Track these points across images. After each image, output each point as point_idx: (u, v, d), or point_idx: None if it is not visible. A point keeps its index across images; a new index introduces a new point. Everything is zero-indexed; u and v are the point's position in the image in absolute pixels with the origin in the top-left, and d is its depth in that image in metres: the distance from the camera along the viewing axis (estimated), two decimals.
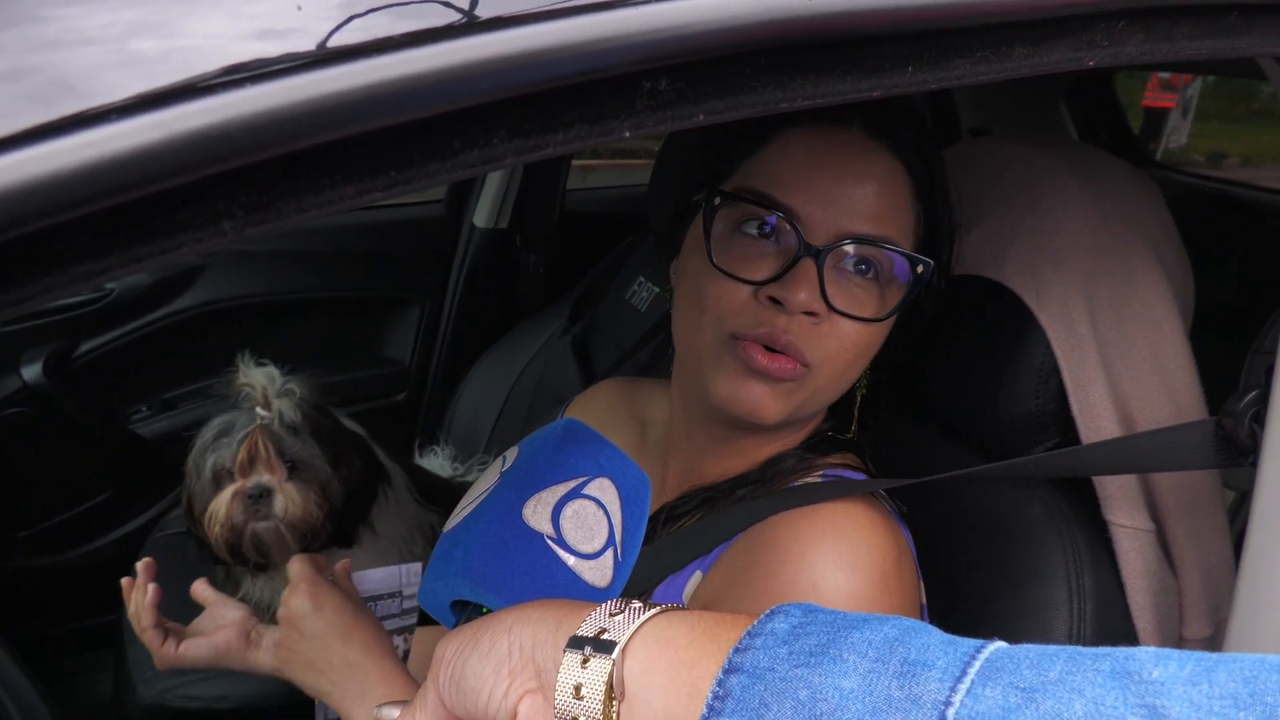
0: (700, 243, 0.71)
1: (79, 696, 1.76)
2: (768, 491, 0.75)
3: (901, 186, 0.71)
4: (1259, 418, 0.63)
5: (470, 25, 0.27)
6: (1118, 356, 0.81)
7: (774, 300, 0.68)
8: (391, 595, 1.06)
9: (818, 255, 0.67)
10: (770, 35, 0.30)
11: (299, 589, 0.82)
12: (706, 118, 0.31)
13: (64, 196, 0.23)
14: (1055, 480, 0.85)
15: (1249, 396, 0.63)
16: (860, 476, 0.76)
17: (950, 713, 0.29)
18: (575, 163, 2.24)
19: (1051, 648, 0.31)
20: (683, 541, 0.74)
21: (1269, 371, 0.64)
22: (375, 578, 1.05)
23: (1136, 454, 0.74)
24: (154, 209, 0.25)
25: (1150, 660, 0.28)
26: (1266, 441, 0.63)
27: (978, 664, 0.30)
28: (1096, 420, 0.80)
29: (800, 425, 0.79)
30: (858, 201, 0.68)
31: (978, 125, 2.38)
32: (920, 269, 0.70)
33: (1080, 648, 0.30)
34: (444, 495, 1.55)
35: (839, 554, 0.66)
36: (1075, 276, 0.81)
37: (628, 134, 0.30)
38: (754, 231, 0.70)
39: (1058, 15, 0.36)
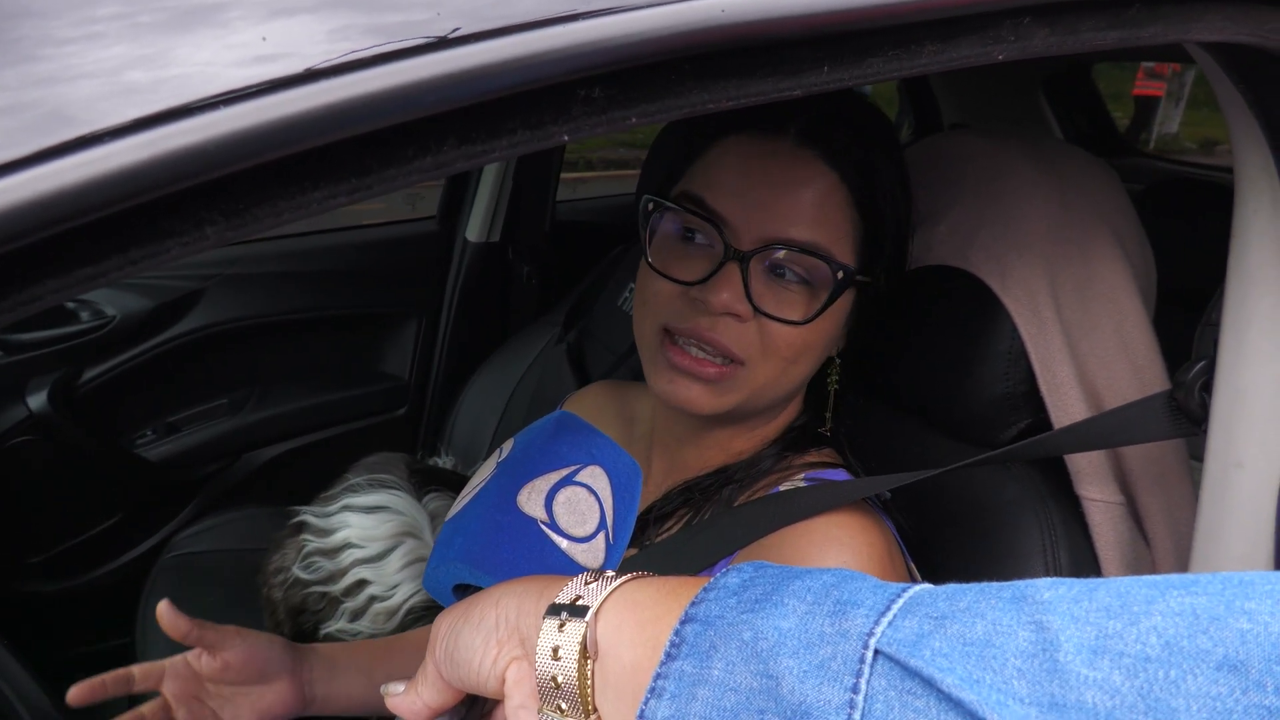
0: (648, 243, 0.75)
1: (94, 718, 1.78)
2: (751, 492, 0.78)
3: (833, 192, 0.72)
4: (1207, 387, 0.66)
5: (419, 47, 0.31)
6: (1082, 337, 0.83)
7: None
8: None
9: (742, 259, 0.70)
10: (689, 44, 0.33)
11: None
12: (638, 120, 0.34)
13: (66, 210, 0.26)
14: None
15: (1197, 367, 0.66)
16: (841, 473, 0.78)
17: (872, 641, 0.32)
18: (565, 175, 2.27)
19: (967, 585, 0.34)
20: (672, 553, 0.75)
21: (1216, 342, 0.67)
22: None
23: (1102, 431, 0.77)
24: (144, 218, 0.29)
25: (1045, 586, 0.32)
26: (1214, 409, 0.66)
27: (900, 601, 0.34)
28: (1064, 399, 0.83)
29: (770, 415, 0.81)
30: (785, 208, 0.70)
31: (959, 120, 2.41)
32: (840, 274, 0.71)
33: (992, 583, 0.34)
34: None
35: (845, 567, 0.68)
36: (1039, 262, 0.83)
37: (566, 138, 0.33)
38: (687, 235, 0.74)
39: (963, 14, 0.38)
